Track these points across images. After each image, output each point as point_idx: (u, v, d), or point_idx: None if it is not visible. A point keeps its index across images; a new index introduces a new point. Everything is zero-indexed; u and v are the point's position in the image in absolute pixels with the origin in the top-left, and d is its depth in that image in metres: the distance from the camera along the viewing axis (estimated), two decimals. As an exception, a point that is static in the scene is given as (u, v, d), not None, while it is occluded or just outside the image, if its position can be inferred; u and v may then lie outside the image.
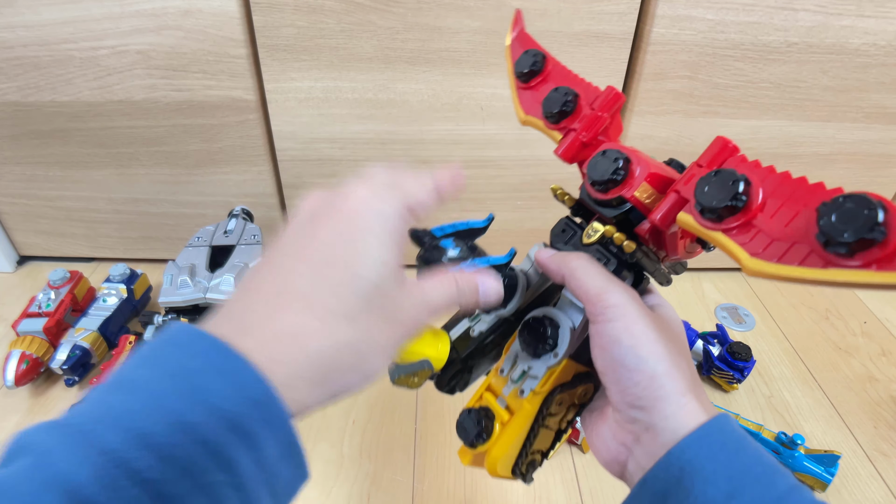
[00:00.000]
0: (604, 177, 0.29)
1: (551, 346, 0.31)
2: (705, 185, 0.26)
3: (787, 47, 0.68)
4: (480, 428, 0.31)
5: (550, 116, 0.34)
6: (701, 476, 0.24)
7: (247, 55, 0.68)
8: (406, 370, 0.31)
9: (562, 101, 0.33)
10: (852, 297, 0.89)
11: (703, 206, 0.25)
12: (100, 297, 0.76)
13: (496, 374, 0.34)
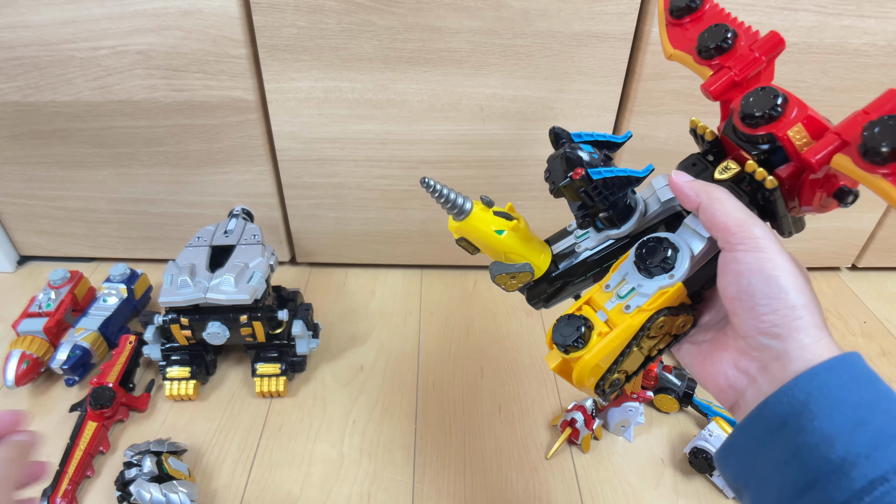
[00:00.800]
0: (761, 111, 0.29)
1: (669, 266, 0.31)
2: (877, 127, 0.25)
3: (786, 47, 0.68)
4: (579, 334, 0.32)
5: (705, 51, 0.34)
6: (828, 402, 0.24)
7: (247, 55, 0.68)
8: (507, 269, 0.36)
9: (722, 36, 0.34)
10: (852, 297, 0.89)
11: (868, 148, 0.24)
12: (100, 297, 0.76)
13: (600, 289, 0.34)
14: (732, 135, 0.32)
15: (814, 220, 0.86)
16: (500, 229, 0.37)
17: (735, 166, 0.31)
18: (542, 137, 0.76)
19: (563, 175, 0.33)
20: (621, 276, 0.34)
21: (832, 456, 0.23)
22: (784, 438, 0.25)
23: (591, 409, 0.63)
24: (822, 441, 0.24)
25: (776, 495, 0.25)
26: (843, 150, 0.26)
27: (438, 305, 0.84)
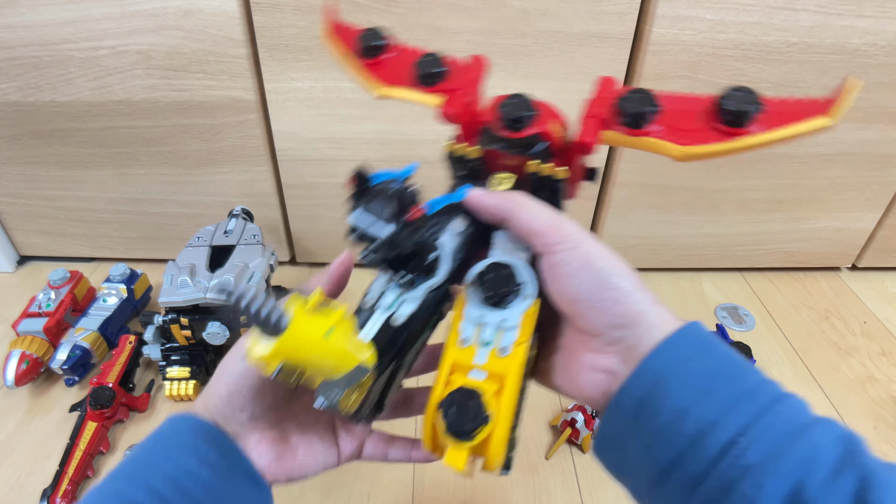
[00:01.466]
0: (522, 113, 0.30)
1: (519, 287, 0.29)
2: (625, 101, 0.29)
3: (787, 47, 0.68)
4: (481, 406, 0.26)
5: (429, 78, 0.33)
6: (676, 377, 0.25)
7: (247, 55, 0.68)
8: (348, 382, 0.27)
9: (437, 62, 0.33)
10: (852, 297, 0.89)
11: (628, 117, 0.29)
12: (100, 297, 0.76)
13: (456, 349, 0.28)
14: (498, 145, 0.31)
15: (814, 221, 0.86)
16: (328, 329, 0.25)
17: (507, 175, 0.32)
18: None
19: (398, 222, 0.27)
20: (474, 323, 0.29)
21: (686, 429, 0.24)
22: (644, 421, 0.25)
23: (591, 409, 0.63)
24: (676, 417, 0.24)
25: (645, 479, 0.26)
26: (597, 125, 0.30)
27: (438, 305, 0.84)
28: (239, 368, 0.30)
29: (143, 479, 0.28)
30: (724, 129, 0.28)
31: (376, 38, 0.35)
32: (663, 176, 0.80)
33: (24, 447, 0.62)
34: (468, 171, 0.33)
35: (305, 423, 0.34)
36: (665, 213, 0.84)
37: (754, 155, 0.78)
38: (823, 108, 0.27)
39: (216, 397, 0.31)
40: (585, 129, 0.30)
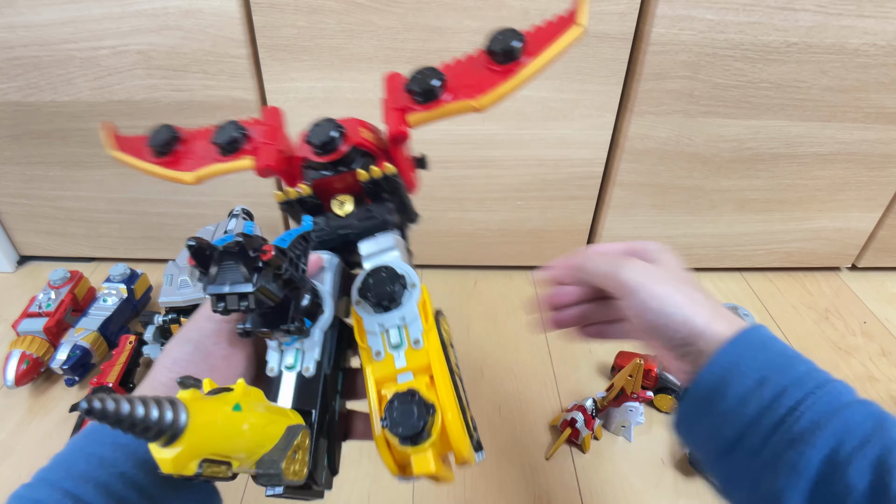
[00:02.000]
0: (330, 135, 0.30)
1: (403, 279, 0.29)
2: (413, 83, 0.31)
3: (786, 47, 0.68)
4: (422, 402, 0.25)
5: (229, 147, 0.33)
6: (737, 371, 0.30)
7: (247, 55, 0.68)
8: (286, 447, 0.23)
9: (234, 127, 0.33)
10: (852, 297, 0.89)
11: (420, 95, 0.31)
12: (100, 297, 0.76)
13: (374, 364, 0.28)
14: (323, 173, 0.32)
15: (814, 221, 0.86)
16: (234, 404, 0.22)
17: (345, 196, 0.33)
18: (542, 137, 0.76)
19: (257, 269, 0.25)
20: (377, 334, 0.29)
21: (747, 412, 0.29)
22: (713, 408, 0.31)
23: (591, 409, 0.63)
24: (739, 403, 0.30)
25: (714, 450, 0.32)
26: (400, 113, 0.31)
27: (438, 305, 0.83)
28: (185, 354, 0.30)
29: (70, 485, 0.26)
30: (502, 68, 0.31)
31: (163, 135, 0.34)
32: (663, 176, 0.80)
33: (24, 447, 0.62)
34: (307, 209, 0.33)
35: None
36: (665, 213, 0.84)
37: (754, 155, 0.78)
38: (570, 19, 0.32)
39: (160, 386, 0.30)
40: (391, 121, 0.31)
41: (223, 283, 0.24)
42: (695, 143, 0.76)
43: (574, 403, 0.65)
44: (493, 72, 0.31)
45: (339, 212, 0.33)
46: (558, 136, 0.75)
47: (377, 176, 0.31)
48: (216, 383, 0.24)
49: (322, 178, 0.32)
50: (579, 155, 0.78)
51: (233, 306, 0.25)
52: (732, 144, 0.77)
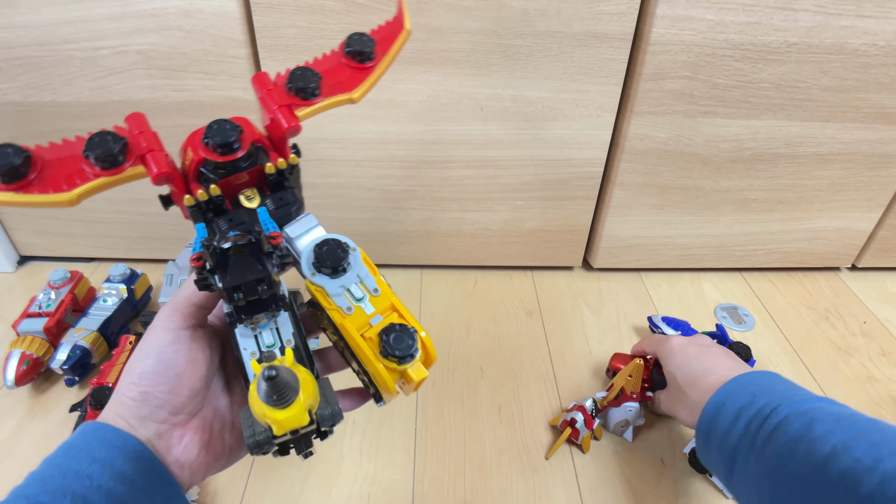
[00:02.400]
0: (233, 134, 0.31)
1: (345, 244, 0.34)
2: (295, 82, 0.34)
3: (786, 47, 0.68)
4: (405, 329, 0.31)
5: (109, 159, 0.31)
6: (732, 398, 0.46)
7: (247, 55, 0.68)
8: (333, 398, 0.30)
9: (114, 138, 0.31)
10: (852, 297, 0.90)
11: (303, 92, 0.34)
12: (100, 297, 0.76)
13: (348, 319, 0.32)
14: (230, 171, 0.33)
15: (814, 221, 0.87)
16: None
17: (250, 190, 0.34)
18: (542, 137, 0.76)
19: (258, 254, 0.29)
20: (340, 292, 0.33)
21: (732, 438, 0.44)
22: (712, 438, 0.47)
23: (590, 409, 0.63)
24: (725, 433, 0.45)
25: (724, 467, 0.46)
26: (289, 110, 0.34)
27: (438, 305, 0.84)
28: (150, 367, 0.31)
29: (47, 499, 0.26)
30: (364, 66, 0.37)
31: (9, 158, 0.28)
32: (663, 176, 0.80)
33: (24, 447, 0.62)
34: (213, 210, 0.34)
35: (223, 405, 0.34)
36: (665, 213, 0.84)
37: (754, 155, 0.78)
38: (399, 23, 0.39)
39: (129, 401, 0.30)
40: (285, 116, 0.33)
41: (239, 275, 0.28)
42: (695, 143, 0.76)
43: (574, 403, 0.65)
44: (357, 69, 0.37)
45: (250, 205, 0.34)
46: (558, 136, 0.75)
47: (283, 167, 0.34)
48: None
49: (232, 176, 0.33)
50: (579, 155, 0.78)
51: (251, 294, 0.29)
52: (732, 144, 0.77)
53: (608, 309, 0.85)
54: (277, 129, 0.34)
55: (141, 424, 0.30)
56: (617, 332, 0.81)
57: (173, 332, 0.32)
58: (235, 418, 0.35)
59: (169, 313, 0.33)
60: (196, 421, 0.33)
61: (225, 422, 0.34)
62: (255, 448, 0.28)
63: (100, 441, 0.29)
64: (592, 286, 0.90)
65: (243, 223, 0.33)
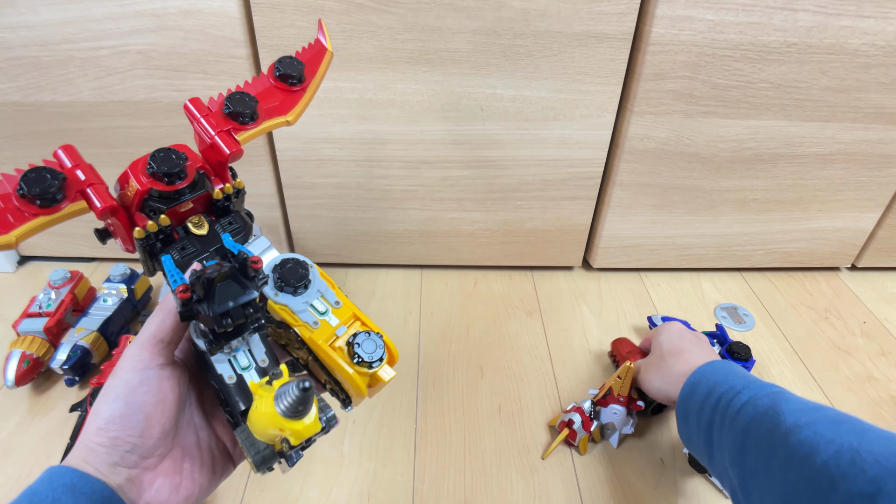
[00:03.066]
0: (178, 164, 0.32)
1: (306, 263, 0.35)
2: (233, 107, 0.35)
3: (786, 47, 0.68)
4: (374, 335, 0.33)
5: (49, 197, 0.29)
6: (706, 377, 0.51)
7: (247, 55, 0.68)
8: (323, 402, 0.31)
9: (51, 174, 0.29)
10: (852, 297, 0.90)
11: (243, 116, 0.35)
12: (100, 297, 0.76)
13: (315, 332, 0.33)
14: (177, 201, 0.33)
15: (813, 221, 0.87)
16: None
17: (197, 218, 0.34)
18: (542, 137, 0.76)
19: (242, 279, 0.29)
20: (304, 308, 0.34)
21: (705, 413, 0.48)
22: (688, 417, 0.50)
23: (589, 410, 0.63)
24: (699, 408, 0.49)
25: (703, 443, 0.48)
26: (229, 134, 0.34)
27: (438, 305, 0.84)
28: (118, 411, 0.29)
29: None
30: (296, 88, 0.39)
31: None
32: (663, 176, 0.80)
33: (24, 447, 0.62)
34: (162, 241, 0.34)
35: (191, 443, 0.34)
36: (665, 213, 0.84)
37: (754, 155, 0.78)
38: (321, 46, 0.42)
39: (98, 447, 0.29)
40: (226, 142, 0.34)
41: (226, 301, 0.28)
42: (695, 143, 0.76)
43: (573, 405, 0.65)
44: (290, 92, 0.39)
45: (200, 232, 0.34)
46: (558, 136, 0.76)
47: (230, 192, 0.35)
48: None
49: (180, 204, 0.33)
50: (579, 155, 0.78)
51: (238, 318, 0.29)
52: (732, 144, 0.77)
53: (608, 309, 0.85)
54: (219, 154, 0.34)
55: (111, 471, 0.29)
56: (617, 332, 0.81)
57: (140, 372, 0.31)
58: (204, 455, 0.34)
59: (135, 352, 0.31)
60: (166, 463, 0.32)
61: (194, 460, 0.33)
62: (262, 464, 0.28)
63: (66, 487, 0.28)
64: (592, 286, 0.90)
65: (198, 251, 0.34)
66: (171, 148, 0.33)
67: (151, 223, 0.32)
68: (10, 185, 0.29)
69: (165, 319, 0.32)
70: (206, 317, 0.28)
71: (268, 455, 0.28)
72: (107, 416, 0.30)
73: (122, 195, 0.33)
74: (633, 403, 0.63)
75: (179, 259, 0.33)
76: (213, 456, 0.34)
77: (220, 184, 0.35)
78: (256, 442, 0.29)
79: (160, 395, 0.31)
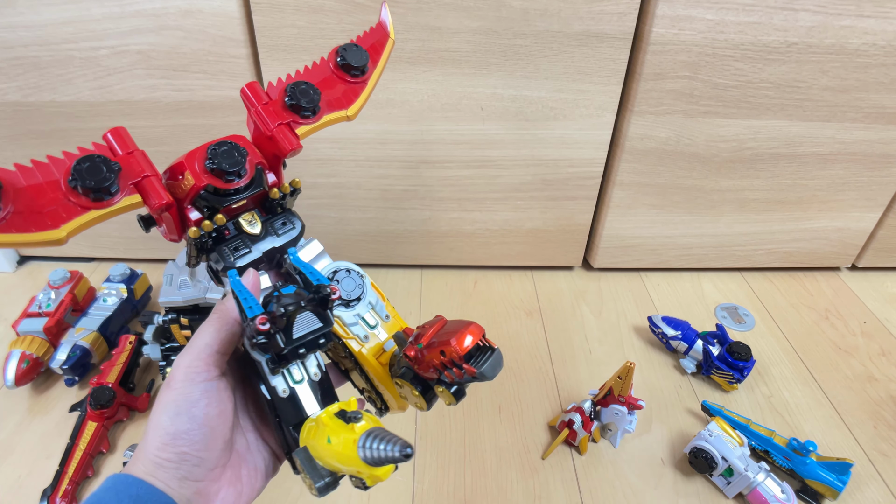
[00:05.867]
0: (240, 160, 0.31)
1: (360, 275, 0.34)
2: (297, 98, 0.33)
3: (786, 47, 0.68)
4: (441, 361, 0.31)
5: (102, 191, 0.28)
6: None
7: (247, 55, 0.68)
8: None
9: (103, 164, 0.28)
10: (852, 297, 0.89)
11: (306, 110, 0.33)
12: (100, 297, 0.76)
13: (363, 345, 0.33)
14: (235, 198, 0.32)
15: (814, 221, 0.87)
16: None
17: (252, 216, 0.33)
18: (542, 137, 0.76)
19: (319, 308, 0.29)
20: (356, 321, 0.34)
21: None
22: None
23: (589, 411, 0.63)
24: None
25: None
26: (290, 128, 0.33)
27: (438, 305, 0.84)
28: (183, 426, 0.29)
29: None
30: (357, 80, 0.36)
31: None
32: (663, 176, 0.80)
33: (24, 447, 0.62)
34: (215, 239, 0.32)
35: (243, 447, 0.34)
36: (665, 213, 0.84)
37: (754, 155, 0.78)
38: (384, 31, 0.38)
39: (166, 463, 0.29)
40: (286, 138, 0.32)
41: (303, 333, 0.28)
42: (695, 143, 0.76)
43: (573, 405, 0.64)
44: (351, 83, 0.36)
45: (252, 230, 0.33)
46: (558, 136, 0.75)
47: (287, 192, 0.33)
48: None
49: (239, 203, 0.32)
50: (579, 155, 0.78)
51: (312, 348, 0.29)
52: (732, 144, 0.77)
53: (608, 309, 0.85)
54: (277, 149, 0.32)
55: (180, 485, 0.29)
56: (617, 332, 0.81)
57: (199, 384, 0.30)
58: (256, 458, 0.34)
59: (191, 363, 0.31)
60: (228, 472, 0.32)
61: (248, 464, 0.34)
62: (324, 490, 0.28)
63: (133, 499, 0.28)
64: (592, 286, 0.90)
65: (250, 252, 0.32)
66: (233, 142, 0.31)
67: (207, 223, 0.31)
68: (58, 171, 0.26)
69: (222, 330, 0.31)
70: (277, 344, 0.28)
71: (331, 482, 0.28)
72: (172, 431, 0.29)
73: (172, 185, 0.31)
74: (634, 402, 0.62)
75: (232, 259, 0.32)
76: (263, 458, 0.35)
77: (272, 175, 0.33)
78: (319, 468, 0.28)
79: (220, 407, 0.31)
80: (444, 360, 0.30)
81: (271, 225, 0.33)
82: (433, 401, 0.33)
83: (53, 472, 0.58)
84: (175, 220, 0.31)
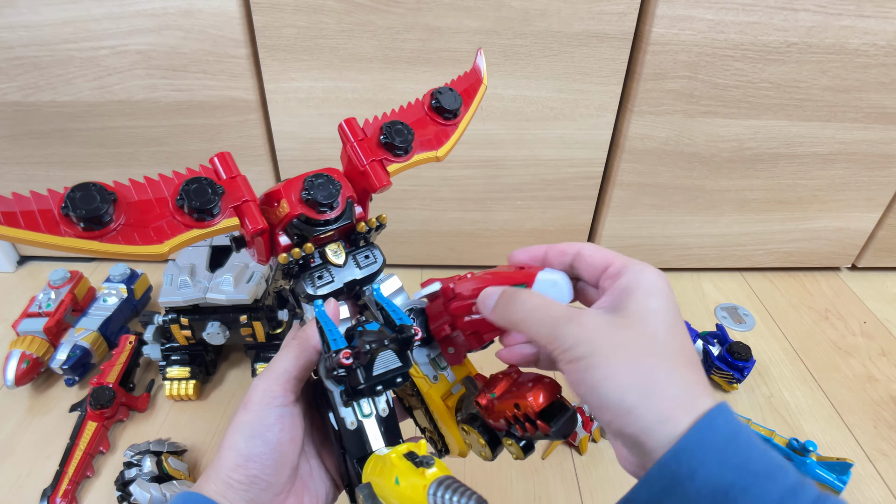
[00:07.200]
0: (334, 193, 0.32)
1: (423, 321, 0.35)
2: (391, 137, 0.34)
3: (786, 47, 0.68)
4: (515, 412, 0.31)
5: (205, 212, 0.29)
6: (699, 474, 0.23)
7: (247, 55, 0.68)
8: None
9: (209, 187, 0.29)
10: (852, 297, 0.89)
11: (399, 149, 0.35)
12: (100, 296, 0.76)
13: (432, 386, 0.34)
14: (325, 228, 0.33)
15: (814, 221, 0.87)
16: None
17: (338, 246, 0.34)
18: (542, 137, 0.76)
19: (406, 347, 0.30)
20: (426, 361, 0.34)
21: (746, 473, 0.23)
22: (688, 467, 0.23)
23: (589, 411, 0.63)
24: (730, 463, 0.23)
25: None
26: (382, 165, 0.34)
27: (438, 305, 0.84)
28: (257, 449, 0.30)
29: None
30: (449, 123, 0.38)
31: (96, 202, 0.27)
32: (663, 176, 0.80)
33: (24, 447, 0.62)
34: (300, 265, 0.34)
35: (306, 472, 0.35)
36: (665, 213, 0.84)
37: (754, 155, 0.78)
38: (477, 76, 0.41)
39: (236, 484, 0.30)
40: (378, 175, 0.34)
41: (383, 372, 0.29)
42: (695, 143, 0.76)
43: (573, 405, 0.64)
44: (442, 125, 0.38)
45: (337, 261, 0.34)
46: (558, 136, 0.75)
47: (374, 226, 0.34)
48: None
49: (328, 234, 0.33)
50: (579, 155, 0.78)
51: (390, 386, 0.29)
52: (732, 144, 0.77)
53: (608, 309, 0.85)
54: (368, 185, 0.33)
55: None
56: (617, 332, 0.80)
57: (275, 409, 0.31)
58: (317, 484, 0.35)
59: (269, 386, 0.31)
60: (292, 498, 0.33)
61: (310, 490, 0.34)
62: None
63: None
64: (592, 286, 0.90)
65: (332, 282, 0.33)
66: (329, 175, 0.32)
67: (297, 250, 0.32)
68: (167, 190, 0.29)
69: (300, 357, 0.32)
70: (357, 378, 0.28)
71: None
72: (246, 453, 0.30)
73: (266, 210, 0.32)
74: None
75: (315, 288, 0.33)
76: (325, 486, 0.35)
77: (359, 207, 0.35)
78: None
79: (293, 433, 0.31)
80: (517, 413, 0.31)
81: (354, 257, 0.35)
82: (498, 451, 0.34)
83: (53, 473, 0.58)
84: (266, 244, 0.32)
